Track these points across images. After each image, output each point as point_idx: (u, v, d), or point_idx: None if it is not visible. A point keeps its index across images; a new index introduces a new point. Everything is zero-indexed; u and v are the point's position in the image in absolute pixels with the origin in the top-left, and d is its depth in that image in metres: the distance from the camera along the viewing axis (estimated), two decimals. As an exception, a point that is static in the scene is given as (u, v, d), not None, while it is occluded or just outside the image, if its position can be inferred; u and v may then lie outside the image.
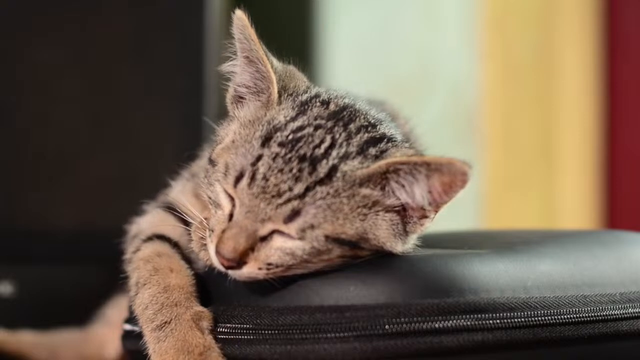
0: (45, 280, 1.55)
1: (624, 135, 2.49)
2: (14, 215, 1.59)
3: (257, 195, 0.84)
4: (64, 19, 1.61)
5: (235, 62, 0.93)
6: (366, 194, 0.85)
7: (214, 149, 0.91)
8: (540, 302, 0.88)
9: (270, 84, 0.91)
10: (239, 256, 0.84)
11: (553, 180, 2.41)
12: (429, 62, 2.36)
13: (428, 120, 2.32)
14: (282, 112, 0.89)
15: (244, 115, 0.92)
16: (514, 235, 1.07)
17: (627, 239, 1.03)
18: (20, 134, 1.60)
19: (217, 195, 0.88)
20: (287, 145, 0.85)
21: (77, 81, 1.59)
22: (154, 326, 0.88)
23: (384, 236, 0.86)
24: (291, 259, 0.85)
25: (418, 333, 0.83)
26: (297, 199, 0.83)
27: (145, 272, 0.93)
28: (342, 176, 0.85)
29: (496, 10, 2.35)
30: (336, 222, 0.84)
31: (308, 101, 0.91)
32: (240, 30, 0.91)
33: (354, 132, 0.88)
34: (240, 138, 0.89)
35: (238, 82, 0.93)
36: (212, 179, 0.89)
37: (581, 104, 2.44)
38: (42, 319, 1.38)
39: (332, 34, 2.32)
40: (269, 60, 0.91)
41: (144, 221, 1.01)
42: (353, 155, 0.86)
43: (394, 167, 0.85)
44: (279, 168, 0.84)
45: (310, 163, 0.84)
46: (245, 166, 0.85)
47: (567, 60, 2.40)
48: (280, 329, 0.86)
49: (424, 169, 0.84)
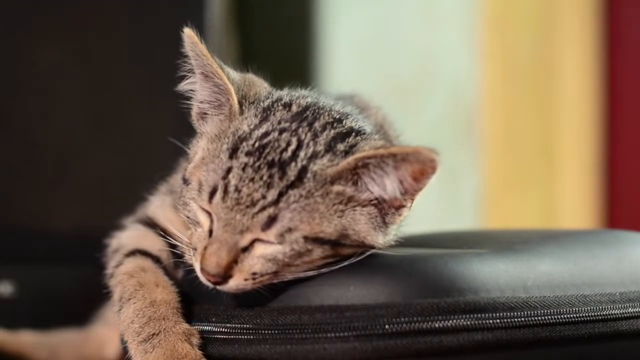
0: (45, 280, 1.55)
1: (624, 135, 2.49)
2: (14, 215, 1.60)
3: (232, 208, 0.84)
4: (64, 19, 1.61)
5: (192, 79, 0.93)
6: (339, 190, 0.85)
7: (187, 168, 0.91)
8: (540, 301, 0.88)
9: (229, 96, 0.90)
10: (223, 270, 0.84)
11: (553, 180, 2.41)
12: (429, 62, 2.35)
13: (428, 120, 2.33)
14: (245, 122, 0.89)
15: (210, 130, 0.91)
16: (513, 235, 1.07)
17: (627, 239, 1.03)
18: (20, 134, 1.60)
19: (194, 214, 0.88)
20: (254, 154, 0.85)
21: (77, 81, 1.59)
22: (141, 339, 0.88)
23: (363, 230, 0.86)
24: (274, 265, 0.85)
25: (418, 333, 0.83)
26: (271, 206, 0.83)
27: (129, 286, 0.93)
28: (312, 176, 0.85)
29: (496, 10, 2.35)
30: (313, 222, 0.84)
31: (270, 106, 0.90)
32: (191, 48, 0.91)
33: (319, 131, 0.88)
34: (209, 153, 0.88)
35: (199, 99, 0.93)
36: (187, 198, 0.89)
37: (581, 104, 2.44)
38: (42, 319, 1.38)
39: (332, 34, 2.32)
40: (224, 73, 0.90)
41: (124, 236, 1.01)
42: (321, 154, 0.86)
43: (362, 161, 0.85)
44: (250, 177, 0.84)
45: (280, 168, 0.84)
46: (217, 181, 0.85)
47: (567, 60, 2.40)
48: (280, 328, 0.85)
49: (391, 161, 0.84)
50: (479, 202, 2.34)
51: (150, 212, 1.02)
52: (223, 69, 0.91)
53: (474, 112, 2.34)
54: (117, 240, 1.01)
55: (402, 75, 2.35)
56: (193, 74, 0.92)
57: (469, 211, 2.33)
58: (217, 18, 1.66)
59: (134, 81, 1.56)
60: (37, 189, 1.60)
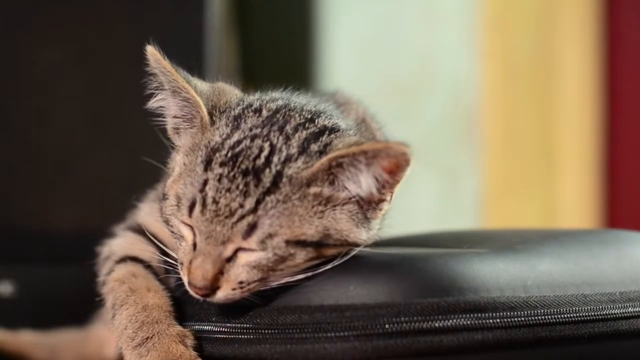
0: (45, 280, 1.55)
1: (624, 135, 2.49)
2: (14, 216, 1.60)
3: (211, 220, 0.84)
4: (64, 19, 1.61)
5: (160, 96, 0.92)
6: (316, 192, 0.85)
7: (166, 183, 0.91)
8: (540, 301, 0.87)
9: (198, 109, 0.90)
10: (210, 283, 0.84)
11: (553, 180, 2.41)
12: (429, 62, 2.35)
13: (428, 120, 2.33)
14: (217, 132, 0.89)
15: (185, 144, 0.91)
16: (513, 235, 1.07)
17: (627, 238, 1.03)
18: (20, 134, 1.60)
19: (177, 228, 0.88)
20: (228, 164, 0.85)
21: (77, 81, 1.59)
22: (135, 344, 0.88)
23: (346, 229, 0.86)
24: (259, 272, 0.85)
25: (418, 332, 0.83)
26: (250, 214, 0.83)
27: (121, 293, 0.93)
28: (288, 181, 0.84)
29: (496, 10, 2.35)
30: (293, 226, 0.84)
31: (241, 114, 0.90)
32: (155, 65, 0.91)
33: (291, 133, 0.87)
34: (185, 167, 0.88)
35: (171, 114, 0.93)
36: (167, 213, 0.89)
37: (581, 104, 2.44)
38: (42, 319, 1.38)
39: (332, 34, 2.32)
40: (191, 86, 0.90)
41: (115, 243, 1.01)
42: (295, 157, 0.86)
43: (335, 161, 0.85)
44: (226, 188, 0.84)
45: (254, 175, 0.84)
46: (194, 194, 0.85)
47: (567, 60, 2.40)
48: (280, 328, 0.85)
49: (363, 158, 0.84)
50: (479, 202, 2.34)
51: (140, 219, 1.02)
52: (189, 82, 0.90)
53: (474, 112, 2.34)
54: (108, 248, 1.01)
55: (402, 75, 2.35)
56: (161, 90, 0.92)
57: (469, 211, 2.33)
58: (217, 18, 1.66)
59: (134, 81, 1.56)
60: (37, 189, 1.60)
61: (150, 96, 0.93)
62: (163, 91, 0.92)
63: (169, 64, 0.90)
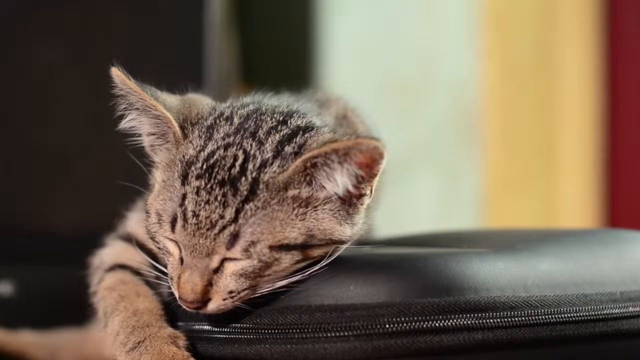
0: (45, 280, 1.55)
1: (624, 134, 2.49)
2: (14, 216, 1.60)
3: (194, 234, 0.84)
4: (64, 19, 1.61)
5: (131, 116, 0.92)
6: (295, 195, 0.85)
7: (147, 199, 0.91)
8: (540, 301, 0.87)
9: (169, 124, 0.90)
10: (200, 296, 0.84)
11: (553, 180, 2.41)
12: (429, 62, 2.36)
13: (428, 120, 2.33)
14: (190, 145, 0.88)
15: (162, 160, 0.91)
16: (514, 234, 1.07)
17: (627, 238, 1.03)
18: (20, 134, 1.60)
19: (163, 244, 0.88)
20: (204, 176, 0.85)
21: (77, 81, 1.59)
22: (128, 349, 0.88)
23: (329, 227, 0.86)
24: (247, 280, 0.85)
25: (418, 332, 0.83)
26: (231, 224, 0.83)
27: (111, 300, 0.93)
28: (265, 187, 0.84)
29: (496, 10, 2.35)
30: (275, 231, 0.84)
31: (213, 123, 0.90)
32: (121, 87, 0.91)
33: (264, 138, 0.87)
34: (164, 183, 0.88)
35: (145, 132, 0.93)
36: (151, 231, 0.89)
37: (581, 103, 2.44)
38: (42, 319, 1.38)
39: (332, 34, 2.32)
40: (159, 103, 0.90)
41: (105, 253, 1.01)
42: (270, 161, 0.85)
43: (310, 162, 0.84)
44: (205, 200, 0.84)
45: (231, 185, 0.84)
46: (175, 209, 0.85)
47: (568, 60, 2.40)
48: (280, 328, 0.85)
49: (336, 156, 0.84)
50: (479, 202, 2.34)
51: (129, 228, 1.02)
52: (158, 99, 0.90)
53: (474, 112, 2.34)
54: (99, 258, 1.01)
55: (402, 74, 2.35)
56: (131, 110, 0.91)
57: (469, 211, 2.34)
58: (217, 18, 1.65)
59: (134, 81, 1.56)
60: (37, 189, 1.60)
61: (121, 117, 0.92)
62: (133, 111, 0.91)
63: (135, 83, 0.90)
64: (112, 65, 0.91)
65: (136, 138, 0.93)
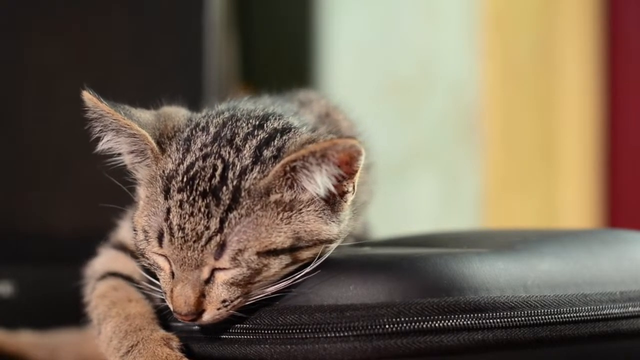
0: (45, 280, 1.55)
1: (624, 134, 2.49)
2: (14, 216, 1.59)
3: (182, 247, 0.84)
4: (64, 19, 1.61)
5: (107, 137, 0.92)
6: (277, 199, 0.85)
7: (133, 216, 0.91)
8: (540, 301, 0.87)
9: (145, 141, 0.89)
10: (194, 308, 0.84)
11: (553, 180, 2.41)
12: (429, 61, 2.36)
13: (428, 119, 2.33)
14: (169, 159, 0.88)
15: (144, 177, 0.91)
16: (513, 235, 1.07)
17: (627, 238, 1.03)
18: (21, 134, 1.60)
19: (153, 260, 0.88)
20: (186, 189, 0.85)
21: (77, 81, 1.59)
22: (121, 354, 0.89)
23: (315, 228, 0.86)
24: (238, 288, 0.85)
25: (418, 332, 0.83)
26: (217, 234, 0.83)
27: (103, 307, 0.94)
28: (247, 194, 0.84)
29: (496, 10, 2.35)
30: (261, 237, 0.84)
31: (190, 135, 0.89)
32: (93, 110, 0.91)
33: (241, 144, 0.87)
34: (148, 199, 0.88)
35: (125, 151, 0.92)
36: (140, 247, 0.89)
37: (581, 103, 2.44)
38: (42, 319, 1.38)
39: (332, 34, 2.32)
40: (133, 121, 0.89)
41: (97, 262, 1.01)
42: (250, 168, 0.85)
43: (288, 166, 0.84)
44: (189, 213, 0.84)
45: (213, 195, 0.84)
46: (160, 224, 0.85)
47: (568, 60, 2.41)
48: (280, 328, 0.85)
49: (313, 158, 0.84)
50: (479, 202, 2.34)
51: (120, 236, 1.02)
52: (132, 117, 0.90)
53: (474, 112, 2.34)
54: (91, 268, 1.01)
55: (402, 75, 2.35)
56: (107, 132, 0.91)
57: (469, 211, 2.34)
58: (217, 18, 1.66)
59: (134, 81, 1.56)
60: (37, 189, 1.60)
61: (98, 140, 0.92)
62: (109, 132, 0.91)
63: (107, 105, 0.89)
64: (84, 89, 0.91)
65: (117, 158, 0.93)
